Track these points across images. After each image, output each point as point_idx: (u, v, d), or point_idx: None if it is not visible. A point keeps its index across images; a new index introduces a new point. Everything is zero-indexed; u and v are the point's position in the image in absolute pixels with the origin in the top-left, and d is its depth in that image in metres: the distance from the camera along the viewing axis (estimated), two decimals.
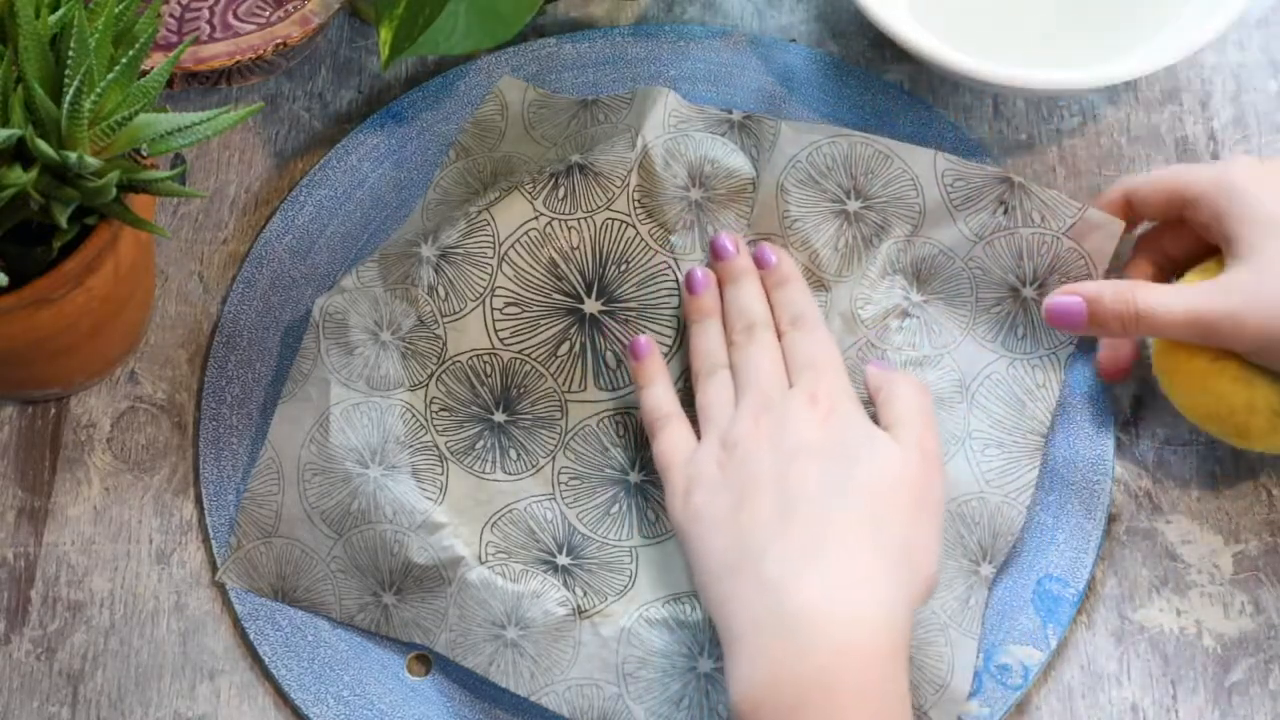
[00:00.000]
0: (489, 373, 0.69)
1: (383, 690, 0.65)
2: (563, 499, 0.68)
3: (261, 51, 0.72)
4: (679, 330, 0.70)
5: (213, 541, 0.68)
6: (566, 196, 0.70)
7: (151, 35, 0.58)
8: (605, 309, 0.70)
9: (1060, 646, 0.65)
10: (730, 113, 0.72)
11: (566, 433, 0.69)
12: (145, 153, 0.60)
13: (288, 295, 0.72)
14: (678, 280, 0.70)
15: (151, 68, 0.64)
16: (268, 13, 0.74)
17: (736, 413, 0.64)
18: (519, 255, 0.69)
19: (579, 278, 0.70)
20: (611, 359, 0.69)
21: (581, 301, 0.70)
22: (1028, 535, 0.66)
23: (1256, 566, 0.67)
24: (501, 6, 0.71)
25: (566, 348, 0.69)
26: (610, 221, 0.70)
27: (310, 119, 0.77)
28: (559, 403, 0.69)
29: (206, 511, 0.68)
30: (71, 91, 0.56)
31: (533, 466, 0.68)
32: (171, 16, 0.74)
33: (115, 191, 0.59)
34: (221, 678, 0.66)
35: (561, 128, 0.74)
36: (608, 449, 0.69)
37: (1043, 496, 0.67)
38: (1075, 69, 0.71)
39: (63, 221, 0.59)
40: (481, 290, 0.69)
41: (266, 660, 0.65)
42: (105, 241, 0.62)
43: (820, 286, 0.70)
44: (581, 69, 0.77)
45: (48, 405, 0.71)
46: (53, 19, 0.58)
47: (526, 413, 0.69)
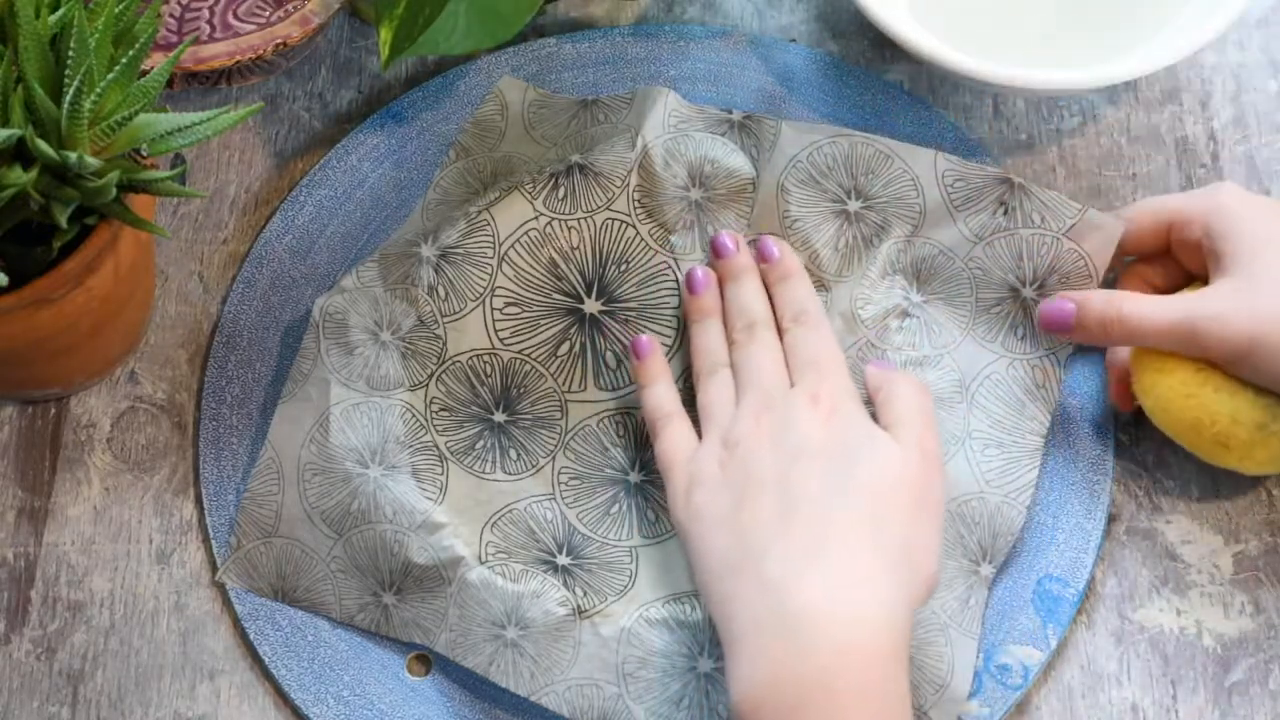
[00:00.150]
0: (489, 373, 0.69)
1: (383, 690, 0.65)
2: (563, 499, 0.68)
3: (261, 51, 0.72)
4: (679, 330, 0.70)
5: (213, 541, 0.68)
6: (566, 196, 0.70)
7: (151, 35, 0.58)
8: (605, 309, 0.70)
9: (1060, 646, 0.65)
10: (730, 113, 0.72)
11: (566, 433, 0.69)
12: (145, 153, 0.60)
13: (288, 295, 0.72)
14: (678, 280, 0.70)
15: (151, 68, 0.64)
16: (268, 13, 0.74)
17: (738, 412, 0.64)
18: (519, 255, 0.69)
19: (579, 278, 0.70)
20: (611, 359, 0.69)
21: (581, 301, 0.70)
22: (1028, 535, 0.66)
23: (1256, 566, 0.67)
24: (501, 6, 0.71)
25: (566, 348, 0.69)
26: (610, 221, 0.70)
27: (310, 119, 0.77)
28: (559, 403, 0.69)
29: (206, 511, 0.68)
30: (71, 91, 0.56)
31: (533, 466, 0.68)
32: (171, 16, 0.74)
33: (115, 191, 0.59)
34: (221, 678, 0.66)
35: (561, 128, 0.74)
36: (608, 449, 0.69)
37: (1043, 496, 0.67)
38: (1075, 69, 0.71)
39: (63, 221, 0.59)
40: (481, 290, 0.69)
41: (266, 660, 0.65)
42: (105, 241, 0.62)
43: (820, 286, 0.70)
44: (581, 69, 0.77)
45: (48, 405, 0.71)
46: (53, 19, 0.58)
47: (526, 413, 0.69)
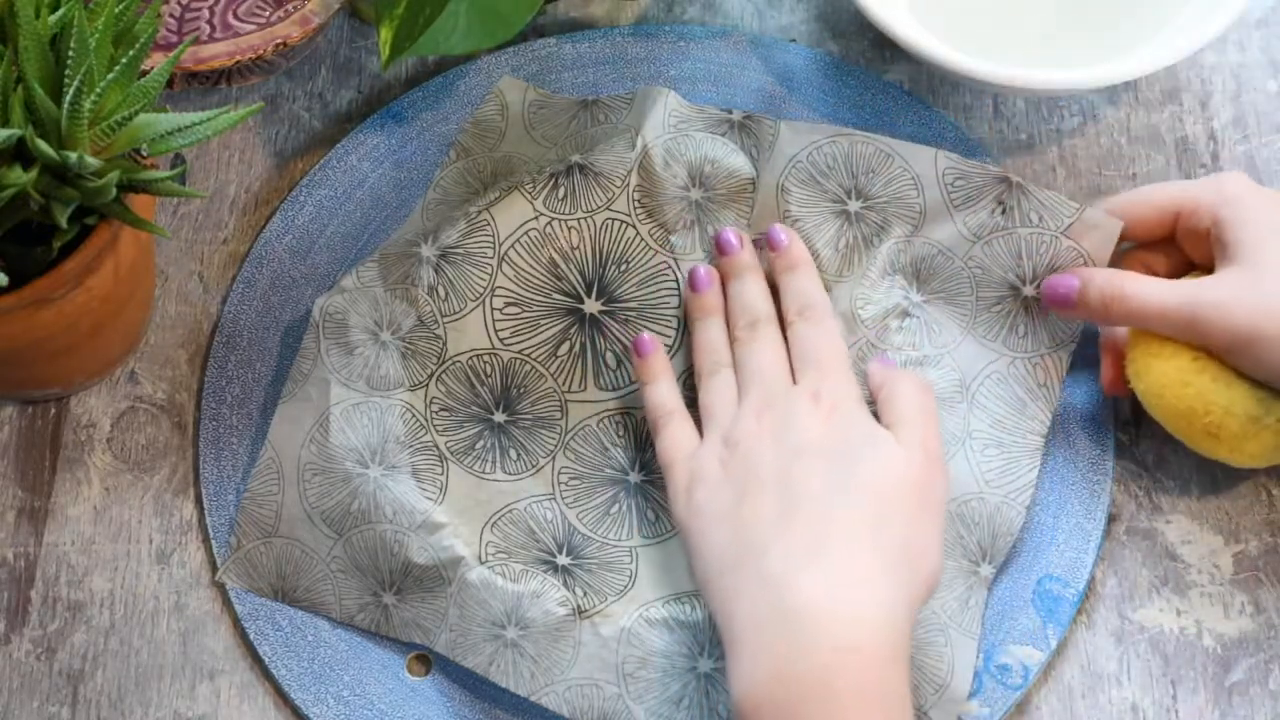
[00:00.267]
0: (489, 373, 0.69)
1: (383, 690, 0.65)
2: (563, 499, 0.68)
3: (261, 51, 0.72)
4: (679, 330, 0.70)
5: (213, 541, 0.68)
6: (566, 196, 0.70)
7: (151, 35, 0.58)
8: (605, 309, 0.70)
9: (1060, 646, 0.65)
10: (730, 113, 0.72)
11: (566, 433, 0.69)
12: (145, 153, 0.60)
13: (288, 295, 0.72)
14: (678, 280, 0.70)
15: (151, 68, 0.64)
16: (268, 13, 0.74)
17: (739, 410, 0.64)
18: (519, 255, 0.69)
19: (579, 278, 0.70)
20: (611, 359, 0.69)
21: (581, 301, 0.70)
22: (1028, 535, 0.66)
23: (1256, 566, 0.67)
24: (501, 6, 0.71)
25: (566, 348, 0.69)
26: (610, 221, 0.70)
27: (310, 119, 0.77)
28: (559, 403, 0.69)
29: (206, 511, 0.68)
30: (71, 91, 0.56)
31: (533, 466, 0.68)
32: (171, 16, 0.74)
33: (115, 191, 0.59)
34: (221, 678, 0.66)
35: (561, 128, 0.74)
36: (608, 449, 0.69)
37: (1043, 496, 0.67)
38: (1075, 69, 0.71)
39: (63, 221, 0.59)
40: (481, 290, 0.69)
41: (266, 660, 0.65)
42: (105, 241, 0.62)
43: None
44: (581, 69, 0.77)
45: (48, 405, 0.71)
46: (53, 19, 0.58)
47: (526, 413, 0.69)
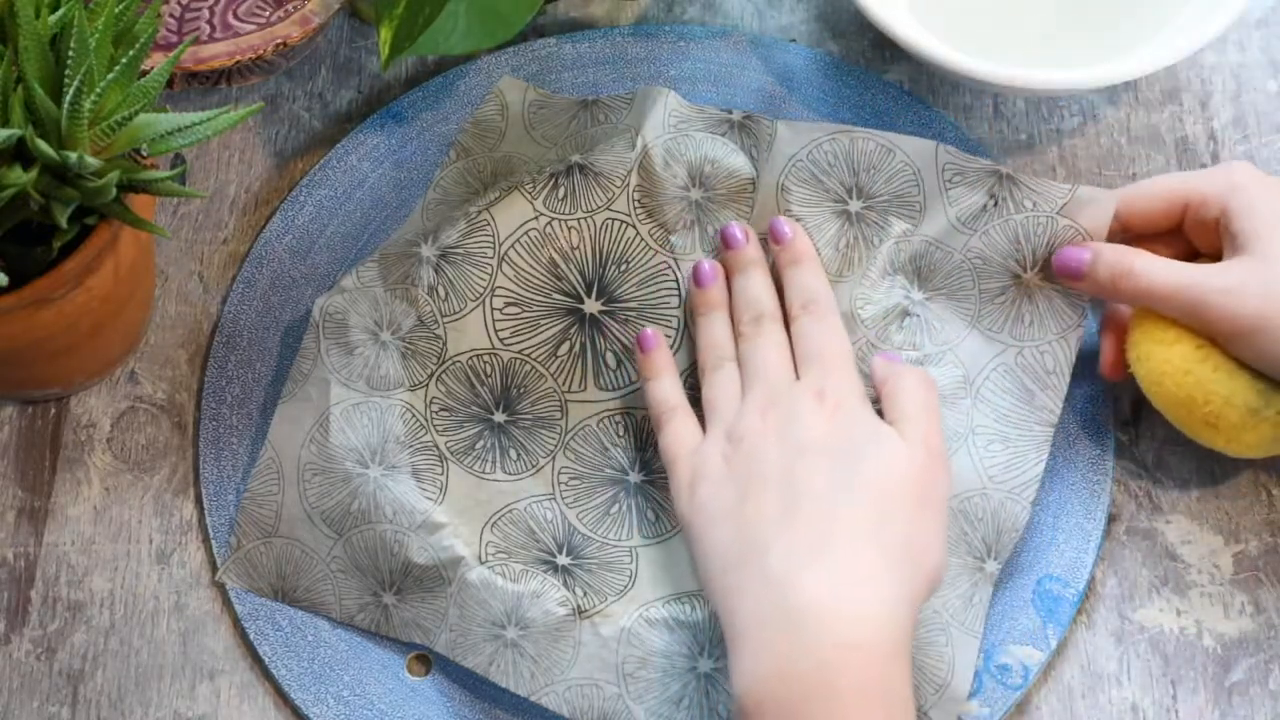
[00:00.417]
0: (489, 373, 0.69)
1: (383, 690, 0.65)
2: (563, 499, 0.68)
3: (261, 51, 0.72)
4: (680, 330, 0.70)
5: (213, 541, 0.68)
6: (566, 196, 0.70)
7: (151, 35, 0.58)
8: (605, 309, 0.70)
9: (1060, 646, 0.65)
10: (730, 113, 0.72)
11: (566, 433, 0.69)
12: (145, 153, 0.60)
13: (288, 295, 0.72)
14: (678, 280, 0.70)
15: (151, 68, 0.64)
16: (268, 13, 0.74)
17: (743, 406, 0.64)
18: (519, 255, 0.69)
19: (579, 278, 0.70)
20: (611, 359, 0.69)
21: (581, 301, 0.70)
22: (1028, 535, 0.66)
23: (1256, 566, 0.67)
24: (501, 6, 0.71)
25: (566, 348, 0.69)
26: (610, 221, 0.70)
27: (310, 119, 0.77)
28: (559, 403, 0.69)
29: (206, 511, 0.68)
30: (71, 91, 0.56)
31: (533, 466, 0.68)
32: (171, 16, 0.74)
33: (115, 191, 0.59)
34: (221, 678, 0.66)
35: (561, 128, 0.74)
36: (608, 449, 0.69)
37: (1043, 496, 0.67)
38: (1075, 69, 0.71)
39: (63, 221, 0.59)
40: (481, 290, 0.69)
41: (266, 660, 0.65)
42: (105, 241, 0.62)
43: None
44: (581, 69, 0.77)
45: (48, 405, 0.71)
46: (53, 19, 0.58)
47: (526, 413, 0.69)
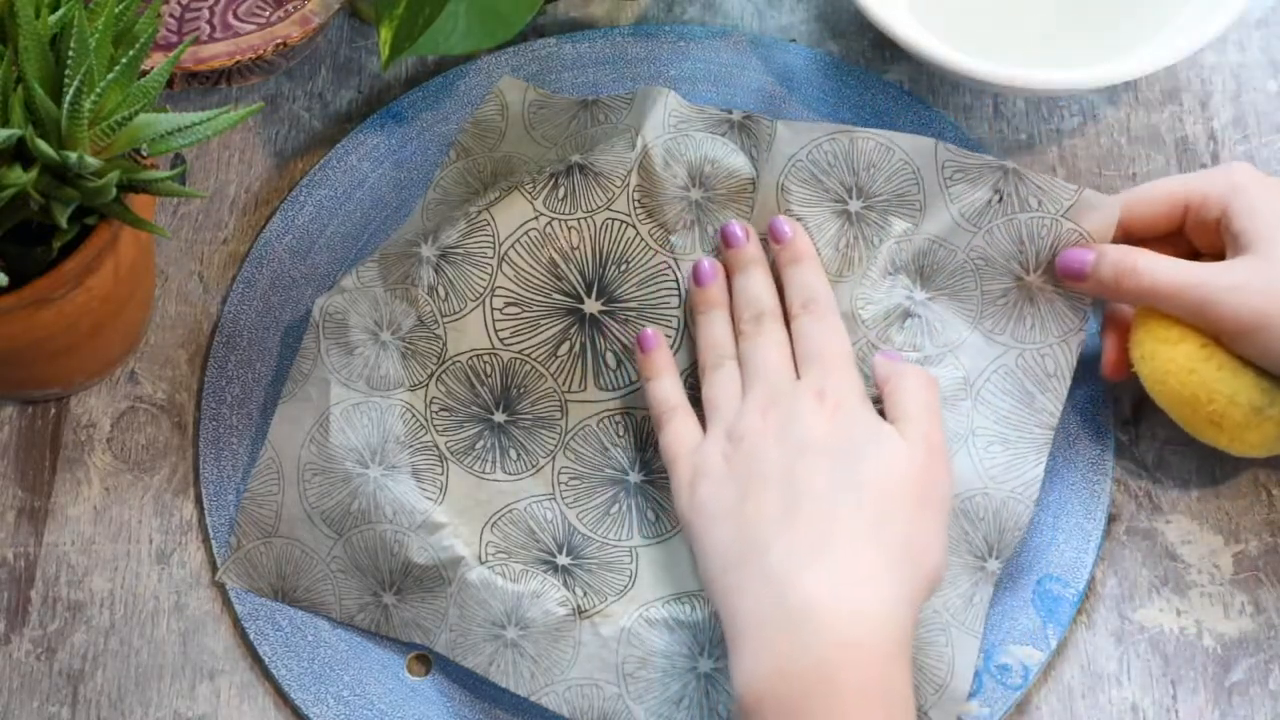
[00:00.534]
0: (489, 373, 0.69)
1: (383, 690, 0.65)
2: (563, 499, 0.68)
3: (261, 51, 0.72)
4: (680, 330, 0.70)
5: (213, 541, 0.68)
6: (566, 196, 0.70)
7: (151, 35, 0.58)
8: (605, 309, 0.70)
9: (1060, 646, 0.65)
10: (730, 113, 0.72)
11: (566, 433, 0.69)
12: (145, 153, 0.60)
13: (288, 295, 0.72)
14: (678, 280, 0.70)
15: (151, 68, 0.64)
16: (268, 13, 0.74)
17: (743, 406, 0.64)
18: (519, 255, 0.69)
19: (579, 278, 0.70)
20: (611, 359, 0.69)
21: (581, 301, 0.70)
22: (1028, 535, 0.66)
23: (1256, 566, 0.67)
24: (501, 6, 0.71)
25: (566, 348, 0.69)
26: (610, 221, 0.70)
27: (310, 119, 0.77)
28: (559, 403, 0.69)
29: (206, 511, 0.68)
30: (71, 91, 0.56)
31: (533, 466, 0.68)
32: (171, 16, 0.74)
33: (115, 191, 0.59)
34: (221, 678, 0.66)
35: (561, 128, 0.74)
36: (608, 449, 0.69)
37: (1043, 496, 0.67)
38: (1075, 69, 0.71)
39: (63, 221, 0.59)
40: (481, 290, 0.69)
41: (266, 660, 0.65)
42: (105, 241, 0.62)
43: None
44: (581, 69, 0.77)
45: (48, 405, 0.71)
46: (53, 19, 0.58)
47: (526, 413, 0.69)
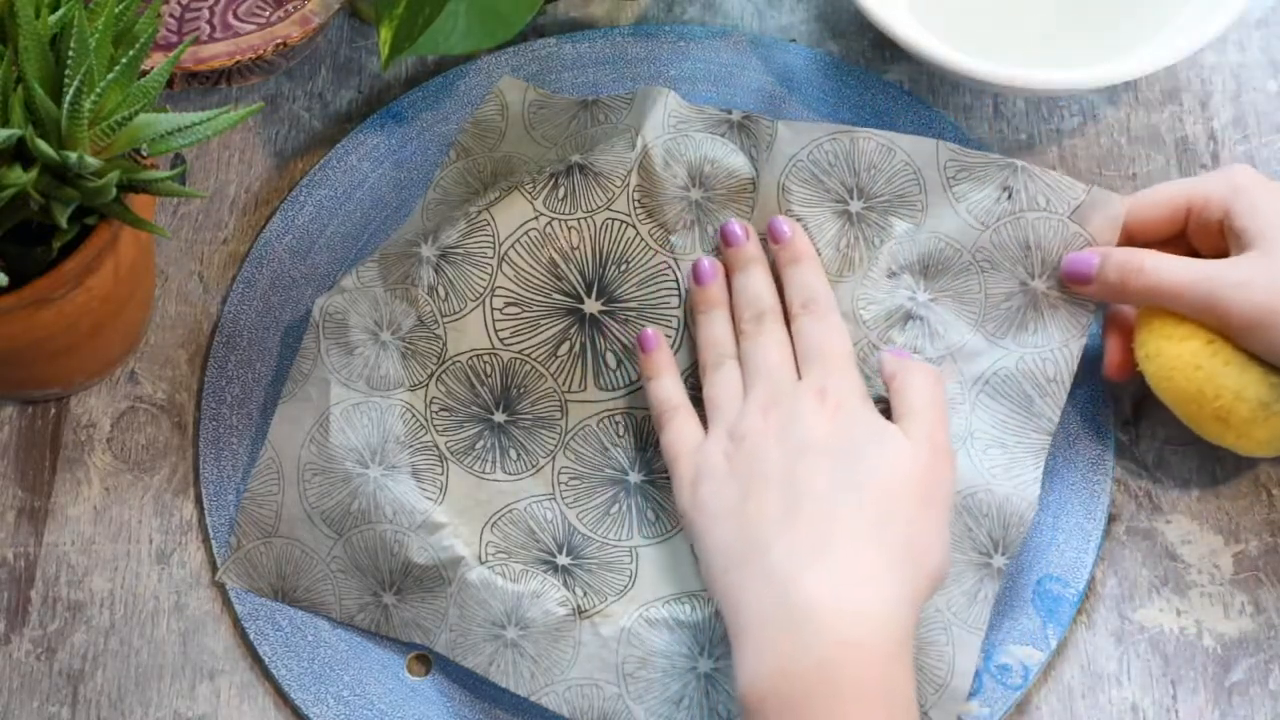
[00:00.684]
0: (489, 373, 0.69)
1: (383, 690, 0.65)
2: (563, 499, 0.68)
3: (261, 51, 0.72)
4: (680, 330, 0.70)
5: (213, 541, 0.68)
6: (566, 196, 0.70)
7: (151, 35, 0.58)
8: (605, 309, 0.70)
9: (1060, 646, 0.65)
10: (730, 113, 0.72)
11: (566, 433, 0.69)
12: (145, 153, 0.60)
13: (288, 295, 0.72)
14: (678, 280, 0.70)
15: (151, 68, 0.64)
16: (268, 13, 0.74)
17: (745, 405, 0.64)
18: (519, 255, 0.69)
19: (579, 278, 0.70)
20: (611, 359, 0.69)
21: (581, 301, 0.70)
22: (1028, 535, 0.66)
23: (1256, 566, 0.67)
24: (501, 6, 0.71)
25: (566, 348, 0.69)
26: (610, 221, 0.70)
27: (310, 119, 0.77)
28: (559, 403, 0.69)
29: (206, 511, 0.68)
30: (71, 91, 0.56)
31: (533, 466, 0.68)
32: (171, 16, 0.74)
33: (115, 191, 0.59)
34: (221, 678, 0.66)
35: (561, 128, 0.74)
36: (608, 449, 0.69)
37: (1043, 496, 0.67)
38: (1075, 69, 0.71)
39: (63, 221, 0.59)
40: (481, 290, 0.69)
41: (266, 660, 0.65)
42: (105, 241, 0.62)
43: None
44: (581, 69, 0.77)
45: (48, 405, 0.71)
46: (53, 19, 0.58)
47: (526, 413, 0.69)
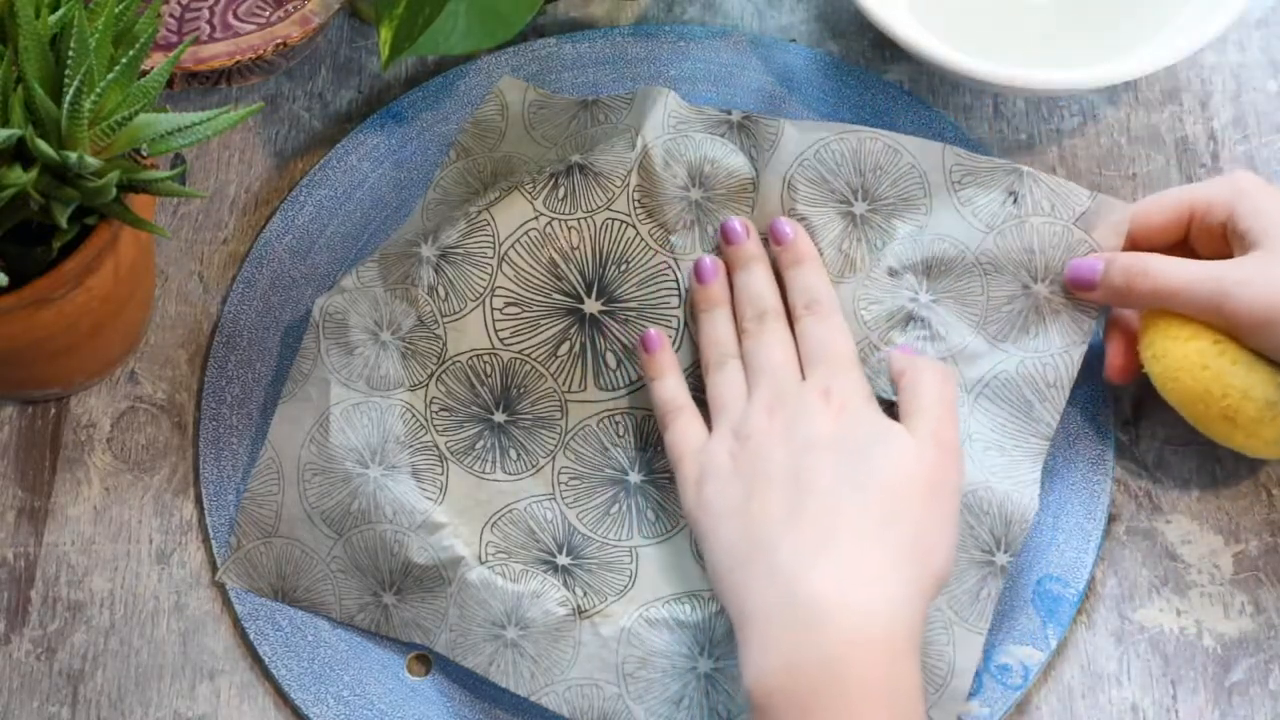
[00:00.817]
0: (489, 373, 0.69)
1: (383, 690, 0.65)
2: (563, 499, 0.68)
3: (261, 51, 0.72)
4: (680, 330, 0.70)
5: (213, 541, 0.68)
6: (566, 196, 0.70)
7: (151, 35, 0.58)
8: (605, 309, 0.70)
9: (1060, 646, 0.65)
10: (730, 113, 0.72)
11: (566, 433, 0.69)
12: (145, 153, 0.60)
13: (288, 295, 0.72)
14: (678, 280, 0.70)
15: (151, 68, 0.64)
16: (268, 13, 0.74)
17: (749, 405, 0.64)
18: (519, 255, 0.69)
19: (579, 278, 0.70)
20: (611, 359, 0.69)
21: (581, 301, 0.70)
22: (1028, 535, 0.66)
23: (1256, 566, 0.67)
24: (501, 6, 0.71)
25: (566, 348, 0.69)
26: (610, 221, 0.70)
27: (310, 119, 0.77)
28: (559, 403, 0.69)
29: (206, 511, 0.68)
30: (71, 91, 0.56)
31: (533, 466, 0.68)
32: (171, 16, 0.74)
33: (115, 191, 0.59)
34: (221, 678, 0.66)
35: (561, 128, 0.74)
36: (608, 449, 0.69)
37: (1043, 496, 0.67)
38: (1075, 69, 0.71)
39: (63, 221, 0.59)
40: (481, 290, 0.69)
41: (266, 660, 0.65)
42: (105, 241, 0.62)
43: None
44: (581, 69, 0.77)
45: (48, 405, 0.71)
46: (53, 19, 0.58)
47: (526, 413, 0.69)
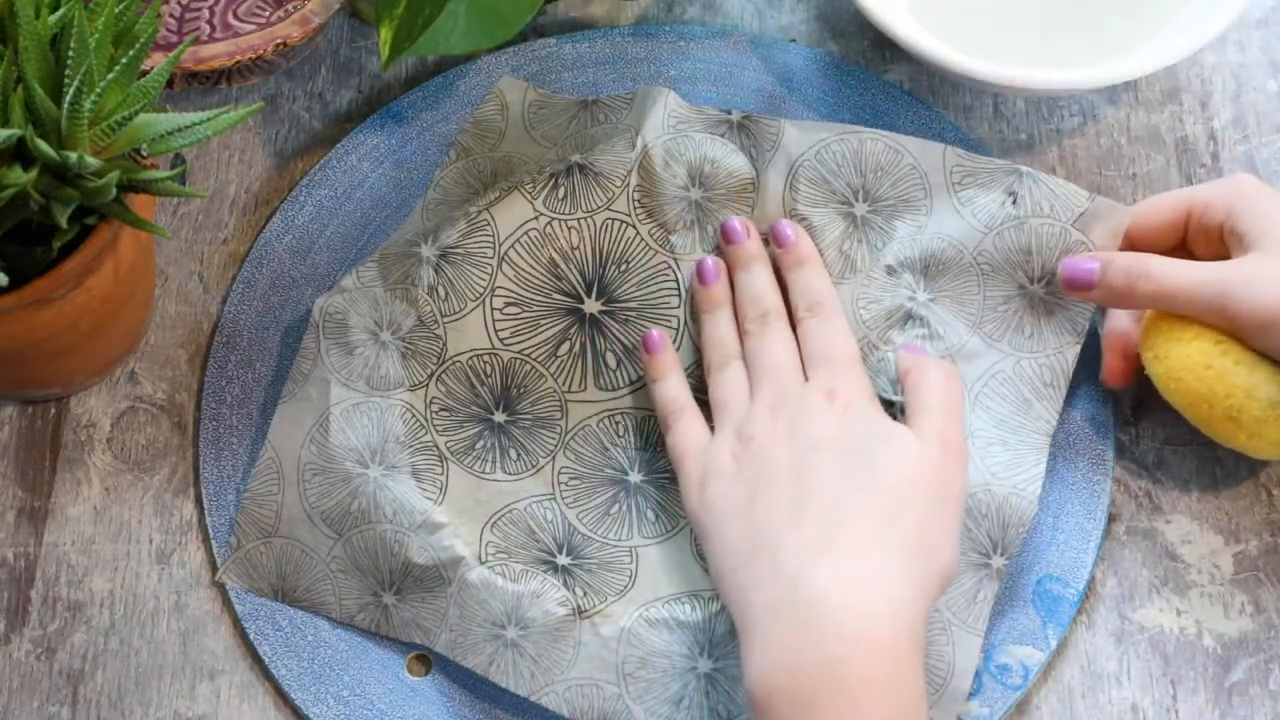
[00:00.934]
0: (489, 373, 0.69)
1: (383, 690, 0.65)
2: (563, 499, 0.68)
3: (261, 51, 0.72)
4: (681, 330, 0.70)
5: (213, 541, 0.68)
6: (566, 196, 0.70)
7: (151, 35, 0.58)
8: (605, 309, 0.70)
9: (1060, 646, 0.65)
10: (730, 113, 0.72)
11: (566, 433, 0.69)
12: (145, 153, 0.60)
13: (288, 295, 0.72)
14: (678, 280, 0.70)
15: (151, 68, 0.64)
16: (268, 13, 0.74)
17: (752, 405, 0.64)
18: (519, 255, 0.69)
19: (579, 278, 0.70)
20: (611, 359, 0.69)
21: (581, 301, 0.70)
22: (1028, 535, 0.66)
23: (1256, 566, 0.67)
24: (501, 6, 0.71)
25: (566, 348, 0.69)
26: (610, 221, 0.70)
27: (310, 119, 0.77)
28: (559, 403, 0.69)
29: (206, 511, 0.68)
30: (71, 91, 0.56)
31: (533, 466, 0.68)
32: (171, 16, 0.74)
33: (115, 191, 0.59)
34: (221, 678, 0.66)
35: (561, 128, 0.74)
36: (608, 449, 0.69)
37: (1043, 496, 0.67)
38: (1075, 69, 0.71)
39: (63, 221, 0.59)
40: (481, 290, 0.69)
41: (266, 660, 0.65)
42: (105, 241, 0.62)
43: None
44: (581, 69, 0.77)
45: (48, 405, 0.71)
46: (53, 19, 0.58)
47: (526, 413, 0.69)
